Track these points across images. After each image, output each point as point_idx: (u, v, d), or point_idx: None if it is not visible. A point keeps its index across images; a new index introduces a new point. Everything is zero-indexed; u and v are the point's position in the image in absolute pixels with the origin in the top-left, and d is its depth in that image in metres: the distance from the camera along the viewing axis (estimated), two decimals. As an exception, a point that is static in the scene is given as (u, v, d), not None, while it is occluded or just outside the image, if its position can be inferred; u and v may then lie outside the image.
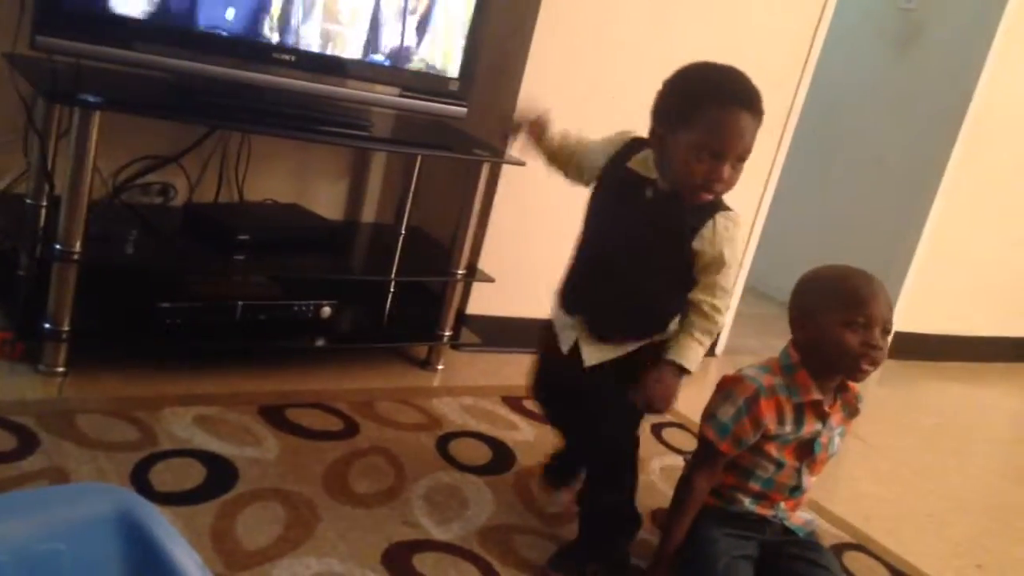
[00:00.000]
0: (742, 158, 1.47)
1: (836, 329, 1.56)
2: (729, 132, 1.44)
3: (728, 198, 1.56)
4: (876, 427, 2.71)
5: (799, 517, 1.71)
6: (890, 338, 1.60)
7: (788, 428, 1.61)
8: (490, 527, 1.72)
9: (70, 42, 1.76)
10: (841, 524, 2.09)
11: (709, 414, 1.64)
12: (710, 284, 1.55)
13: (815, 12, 2.83)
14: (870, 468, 2.50)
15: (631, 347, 1.61)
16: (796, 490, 1.67)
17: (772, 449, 1.62)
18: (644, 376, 1.55)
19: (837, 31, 2.97)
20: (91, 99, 1.75)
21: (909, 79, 3.58)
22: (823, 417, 1.63)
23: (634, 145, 1.59)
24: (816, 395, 1.61)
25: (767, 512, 1.66)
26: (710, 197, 1.50)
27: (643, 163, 1.56)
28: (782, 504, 1.67)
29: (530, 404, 2.28)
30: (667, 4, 2.53)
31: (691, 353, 1.54)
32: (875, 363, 1.57)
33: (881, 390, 3.18)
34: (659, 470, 2.11)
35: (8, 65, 1.95)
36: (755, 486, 1.65)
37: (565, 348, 1.64)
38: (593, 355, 1.61)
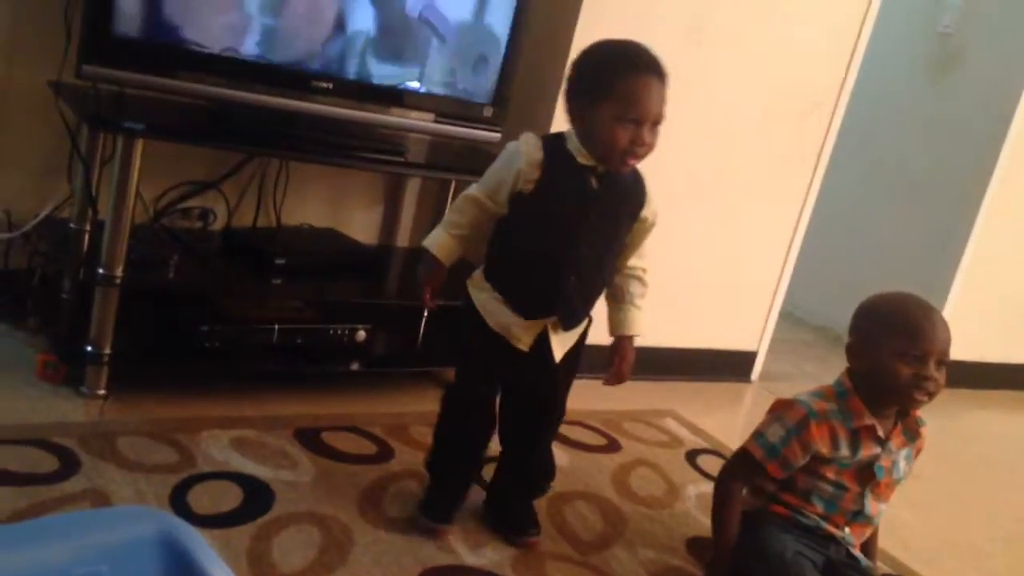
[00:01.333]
0: (657, 122, 1.55)
1: (890, 359, 1.56)
2: (646, 98, 1.53)
3: (762, 221, 1.58)
4: (919, 458, 2.66)
5: (858, 552, 1.70)
6: (945, 371, 1.61)
7: (844, 452, 1.61)
8: (523, 553, 1.71)
9: (115, 71, 1.80)
10: (880, 554, 2.05)
11: (758, 433, 1.66)
12: (642, 250, 1.70)
13: (852, 35, 2.82)
14: (909, 497, 2.44)
15: (583, 325, 1.71)
16: (859, 515, 1.66)
17: (830, 472, 1.63)
18: (613, 358, 1.70)
19: (874, 55, 2.96)
20: (134, 126, 1.79)
21: (947, 103, 3.55)
22: (881, 441, 1.61)
23: (556, 138, 1.62)
24: (869, 420, 1.61)
25: (835, 531, 1.65)
26: (635, 162, 1.58)
27: (577, 149, 1.58)
28: (847, 529, 1.66)
29: (564, 429, 2.27)
30: (704, 31, 2.54)
31: (642, 322, 1.71)
32: (929, 394, 1.57)
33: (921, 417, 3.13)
34: (694, 497, 2.10)
35: (54, 93, 2.00)
36: (817, 507, 1.65)
37: (526, 345, 1.64)
38: (561, 347, 1.67)
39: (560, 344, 1.66)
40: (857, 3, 2.81)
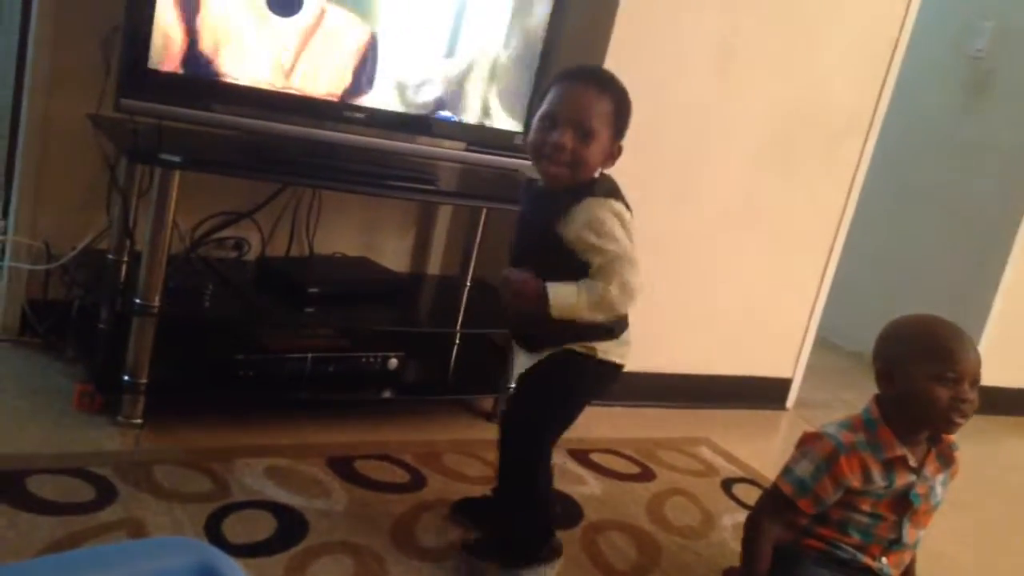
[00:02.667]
0: (581, 126, 1.54)
1: (926, 383, 1.54)
2: (563, 100, 1.56)
3: (796, 246, 1.56)
4: (955, 484, 2.61)
5: None
6: (977, 392, 1.57)
7: (879, 484, 1.59)
8: (558, 583, 1.70)
9: (152, 104, 1.83)
10: (922, 586, 2.01)
11: (787, 468, 1.63)
12: (604, 273, 1.53)
13: (884, 60, 2.81)
14: (950, 527, 2.40)
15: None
16: (896, 544, 1.63)
17: (865, 505, 1.60)
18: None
19: (907, 80, 2.94)
20: (171, 158, 1.82)
21: (981, 127, 3.52)
22: (915, 469, 1.59)
23: None
24: (900, 451, 1.58)
25: (872, 563, 1.62)
26: (550, 168, 1.56)
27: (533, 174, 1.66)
28: (884, 560, 1.63)
29: (597, 457, 2.26)
30: (734, 58, 2.54)
31: (565, 295, 1.52)
32: (965, 416, 1.54)
33: (961, 445, 3.08)
34: (731, 527, 2.07)
35: (93, 126, 2.03)
36: (854, 538, 1.62)
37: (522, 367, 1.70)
38: (521, 365, 1.71)
39: (522, 363, 1.70)
40: (889, 28, 2.80)
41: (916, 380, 1.55)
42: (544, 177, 1.60)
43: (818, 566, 1.61)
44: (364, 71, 2.04)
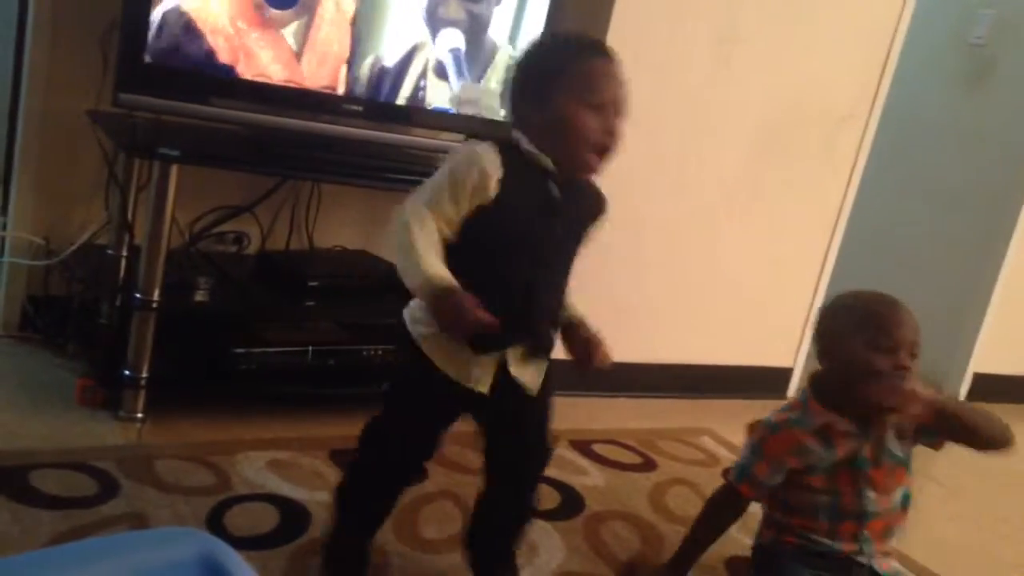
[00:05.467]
0: (621, 112, 1.35)
1: (864, 353, 1.54)
2: (610, 80, 1.35)
3: (797, 235, 1.55)
4: (957, 471, 2.62)
5: (889, 565, 1.64)
6: (918, 362, 1.56)
7: (817, 455, 1.58)
8: (560, 573, 1.70)
9: (150, 99, 1.83)
10: (924, 573, 2.02)
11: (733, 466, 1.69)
12: None
13: (883, 48, 2.80)
14: (952, 514, 2.41)
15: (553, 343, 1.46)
16: (866, 515, 1.60)
17: (818, 482, 1.59)
18: (583, 345, 1.42)
19: (906, 67, 2.94)
20: (169, 153, 1.82)
21: (981, 115, 3.51)
22: (856, 434, 1.59)
23: (508, 143, 1.37)
24: (827, 417, 1.59)
25: (852, 548, 1.61)
26: (604, 161, 1.36)
27: (534, 153, 1.36)
28: (865, 533, 1.62)
29: (599, 448, 2.26)
30: (733, 46, 2.54)
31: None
32: (902, 403, 1.51)
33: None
34: (732, 516, 2.07)
35: (91, 121, 2.03)
36: (823, 522, 1.61)
37: (486, 387, 1.39)
38: (535, 376, 1.43)
39: (534, 373, 1.43)
40: (888, 16, 2.79)
41: (854, 352, 1.55)
42: (586, 169, 1.37)
43: (797, 563, 1.60)
44: (362, 63, 2.03)
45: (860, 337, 1.55)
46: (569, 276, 1.46)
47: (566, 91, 1.33)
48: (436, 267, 1.27)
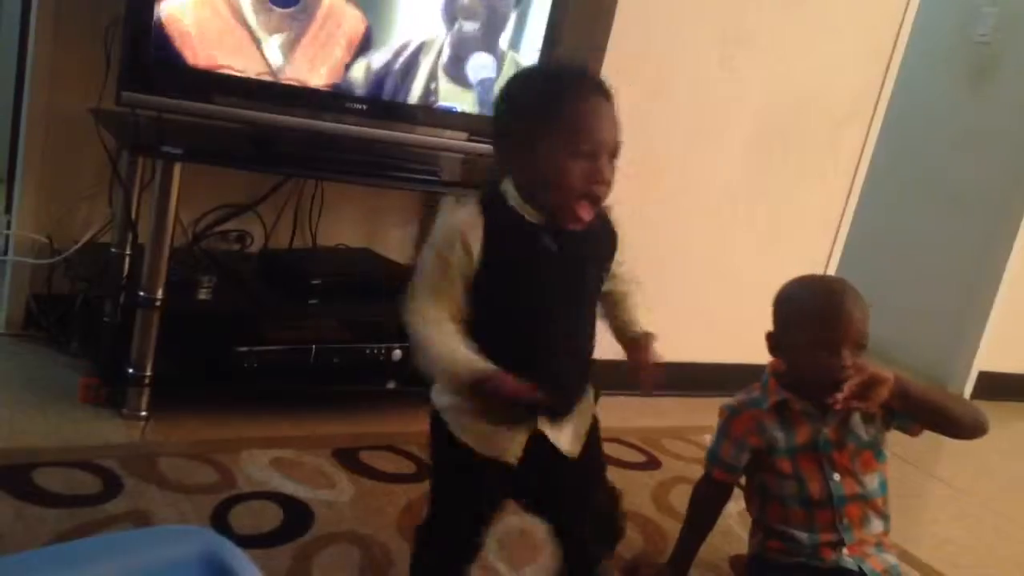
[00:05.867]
0: (614, 153, 1.26)
1: (808, 348, 1.54)
2: (599, 123, 1.24)
3: (800, 234, 1.54)
4: (962, 470, 2.61)
5: (880, 561, 1.60)
6: (864, 353, 1.55)
7: (776, 435, 1.60)
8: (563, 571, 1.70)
9: (153, 97, 1.83)
10: (928, 571, 2.01)
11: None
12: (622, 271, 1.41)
13: (888, 46, 2.80)
14: (956, 512, 2.41)
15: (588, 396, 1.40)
16: (837, 500, 1.58)
17: (784, 465, 1.60)
18: (639, 363, 1.37)
19: (910, 65, 2.93)
20: (172, 151, 1.82)
21: (986, 113, 3.50)
22: (815, 415, 1.59)
23: (493, 197, 1.28)
24: (783, 395, 1.60)
25: (830, 538, 1.58)
26: (593, 209, 1.25)
27: (521, 205, 1.27)
28: (845, 521, 1.58)
29: (604, 447, 2.25)
30: (734, 45, 2.53)
31: (644, 318, 1.43)
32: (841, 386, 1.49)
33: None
34: (736, 514, 2.06)
35: (94, 120, 2.03)
36: (797, 510, 1.60)
37: (515, 457, 1.29)
38: (571, 437, 1.34)
39: (571, 434, 1.33)
40: (892, 14, 2.79)
41: (799, 348, 1.56)
42: (571, 221, 1.26)
43: (783, 574, 1.59)
44: (365, 61, 2.03)
45: (804, 334, 1.55)
46: (592, 320, 1.37)
47: (553, 139, 1.23)
48: (457, 357, 1.21)
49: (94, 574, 0.73)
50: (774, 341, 1.65)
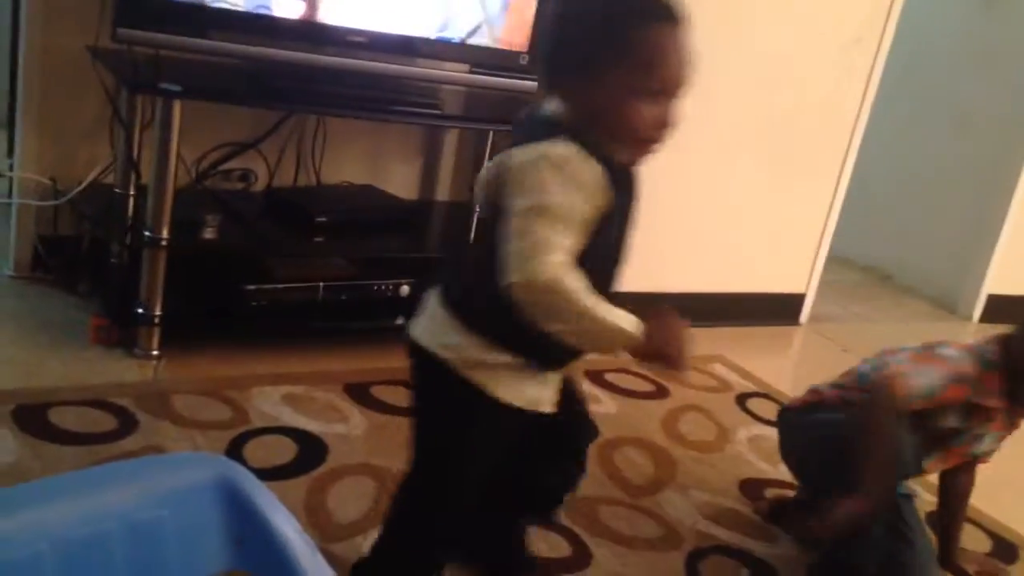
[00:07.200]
0: (683, 91, 1.12)
1: None
2: (673, 56, 1.09)
3: (808, 161, 1.50)
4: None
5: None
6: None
7: (953, 424, 1.58)
8: (576, 498, 1.71)
9: (149, 33, 1.80)
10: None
11: (900, 372, 1.55)
12: None
13: (895, -34, 2.74)
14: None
15: None
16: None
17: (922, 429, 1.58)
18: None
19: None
20: (171, 88, 1.79)
21: (997, 33, 3.44)
22: (985, 421, 1.59)
23: (582, 132, 1.11)
24: (997, 403, 1.56)
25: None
26: (646, 155, 1.15)
27: (606, 142, 1.12)
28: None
29: (611, 377, 2.27)
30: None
31: None
32: None
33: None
34: (745, 440, 2.09)
35: (91, 57, 2.00)
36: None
37: (553, 404, 1.25)
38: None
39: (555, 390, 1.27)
40: (901, -69, 2.72)
41: None
42: (623, 160, 1.14)
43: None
44: (364, -8, 1.99)
45: None
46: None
47: (620, 70, 1.08)
48: (619, 314, 1.09)
49: (114, 498, 0.74)
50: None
